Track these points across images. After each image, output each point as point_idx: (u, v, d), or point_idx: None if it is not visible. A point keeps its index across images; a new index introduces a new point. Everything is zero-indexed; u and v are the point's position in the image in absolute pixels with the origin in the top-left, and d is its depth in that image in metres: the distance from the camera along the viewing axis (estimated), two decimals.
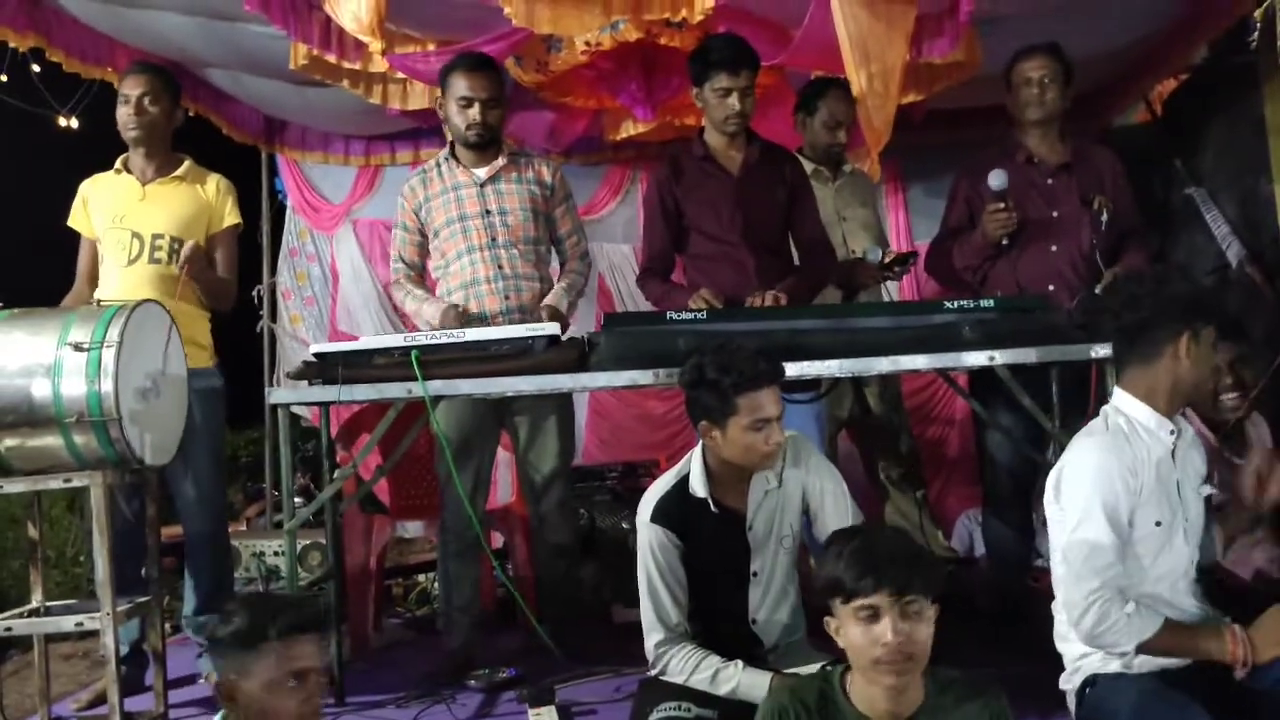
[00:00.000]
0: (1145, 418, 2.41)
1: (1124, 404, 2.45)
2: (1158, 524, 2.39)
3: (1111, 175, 3.73)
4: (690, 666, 2.62)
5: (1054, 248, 3.63)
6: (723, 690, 2.57)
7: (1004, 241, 3.59)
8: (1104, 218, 3.62)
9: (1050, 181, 3.69)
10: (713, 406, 2.60)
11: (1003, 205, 3.54)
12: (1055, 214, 3.65)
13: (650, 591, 2.71)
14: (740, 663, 2.59)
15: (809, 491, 2.77)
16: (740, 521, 2.73)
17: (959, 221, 3.79)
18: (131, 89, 3.77)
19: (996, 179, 3.54)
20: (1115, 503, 2.34)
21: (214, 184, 3.87)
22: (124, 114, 3.77)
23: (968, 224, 3.77)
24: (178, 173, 3.82)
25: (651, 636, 2.71)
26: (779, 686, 2.35)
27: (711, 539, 2.73)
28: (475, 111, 3.67)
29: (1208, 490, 2.51)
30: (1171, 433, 2.41)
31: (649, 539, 2.72)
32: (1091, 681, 2.35)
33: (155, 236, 3.72)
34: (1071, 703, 2.44)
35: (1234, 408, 3.15)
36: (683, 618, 2.71)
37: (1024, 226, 3.61)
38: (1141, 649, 2.22)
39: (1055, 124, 3.74)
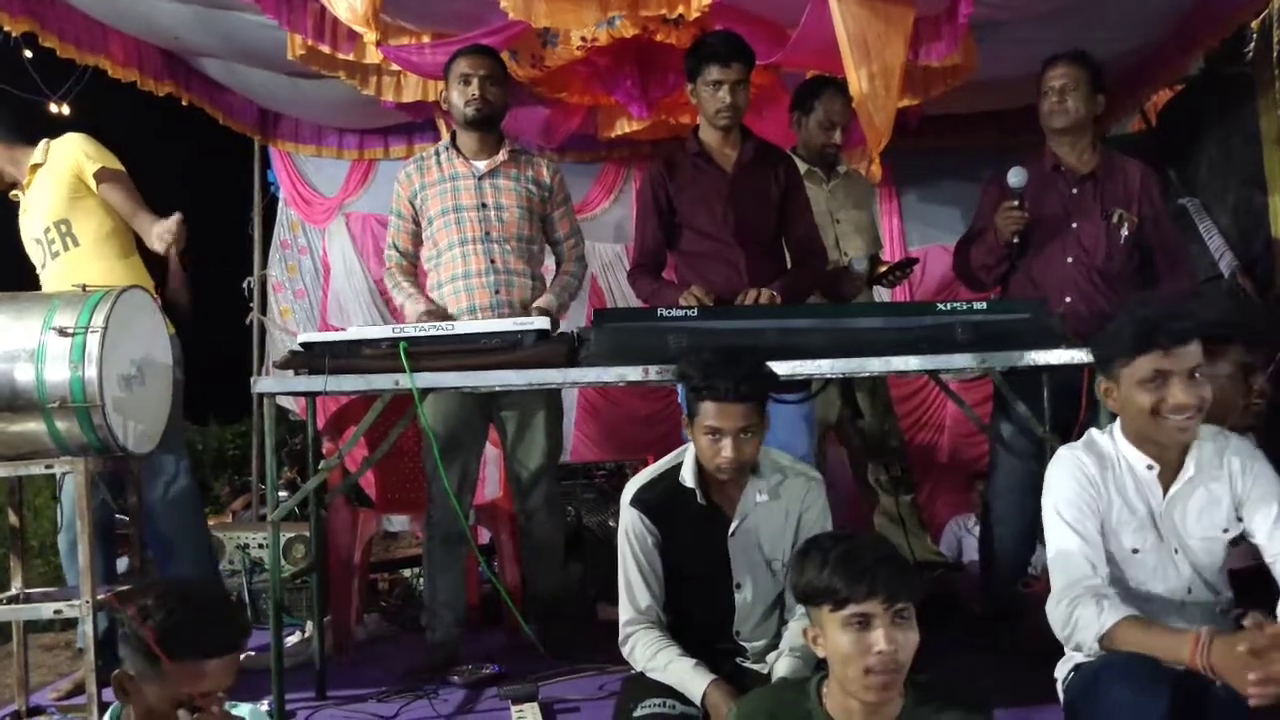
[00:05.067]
0: (1127, 449, 2.40)
1: (1115, 430, 2.44)
2: (1134, 551, 2.38)
3: (1143, 190, 3.64)
4: (650, 653, 2.64)
5: (1070, 258, 3.58)
6: (670, 681, 2.58)
7: (1015, 240, 3.56)
8: (1124, 232, 3.58)
9: (1075, 191, 3.63)
10: (688, 402, 2.64)
11: (1016, 204, 3.52)
12: (1074, 224, 3.61)
13: (623, 573, 2.74)
14: (691, 661, 2.58)
15: (803, 515, 2.74)
16: (724, 523, 2.71)
17: (985, 222, 3.73)
18: None
19: (1015, 176, 3.50)
20: (1075, 512, 2.34)
21: (64, 148, 3.69)
22: None
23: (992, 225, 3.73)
24: (34, 159, 3.71)
25: (623, 616, 2.74)
26: (749, 697, 2.30)
27: (691, 534, 2.72)
28: (474, 87, 3.67)
29: (1225, 534, 2.40)
30: (1149, 468, 2.37)
31: (627, 521, 2.74)
32: (1076, 668, 2.34)
33: (45, 232, 3.67)
34: (1060, 689, 2.42)
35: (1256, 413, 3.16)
36: (654, 604, 2.72)
37: (1043, 235, 3.58)
38: (1104, 642, 2.19)
39: (1085, 132, 3.66)
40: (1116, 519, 2.38)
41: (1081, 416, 3.12)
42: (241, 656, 1.98)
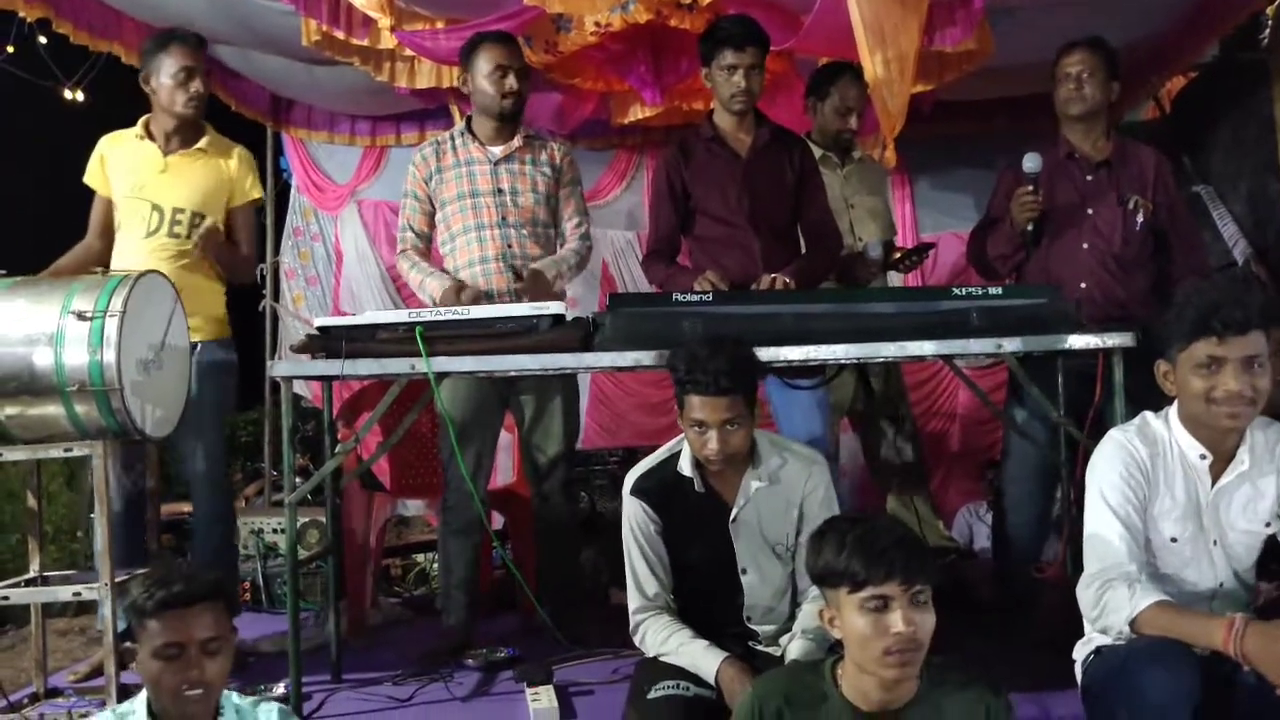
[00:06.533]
0: (1181, 436, 2.38)
1: (1171, 414, 2.42)
2: (1173, 540, 2.37)
3: (1157, 176, 3.64)
4: (661, 637, 2.66)
5: (1085, 245, 3.58)
6: (682, 663, 2.59)
7: (1029, 227, 3.55)
8: (1139, 219, 3.58)
9: (1089, 178, 3.63)
10: (676, 394, 2.65)
11: (1031, 189, 3.51)
12: (1090, 211, 3.60)
13: (629, 561, 2.76)
14: (703, 642, 2.60)
15: (805, 499, 2.73)
16: (724, 510, 2.71)
17: (999, 211, 3.72)
18: (195, 62, 3.69)
19: (1030, 161, 3.49)
20: (1119, 497, 2.33)
21: (236, 157, 3.84)
22: (189, 91, 3.68)
23: (1007, 214, 3.72)
24: (200, 145, 3.77)
25: (632, 604, 2.76)
26: (764, 678, 2.29)
27: (693, 521, 2.72)
28: (511, 80, 3.68)
29: (1267, 529, 2.40)
30: (1202, 456, 2.36)
31: (628, 511, 2.76)
32: (1097, 651, 2.34)
33: (175, 210, 3.68)
34: (1078, 672, 2.43)
35: None
36: (661, 591, 2.74)
37: (1058, 222, 3.58)
38: (1134, 625, 2.19)
39: (1099, 120, 3.66)
40: (1160, 506, 2.37)
41: (1096, 402, 3.12)
42: (211, 615, 2.09)
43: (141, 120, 3.79)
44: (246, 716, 2.20)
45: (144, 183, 3.71)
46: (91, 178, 3.82)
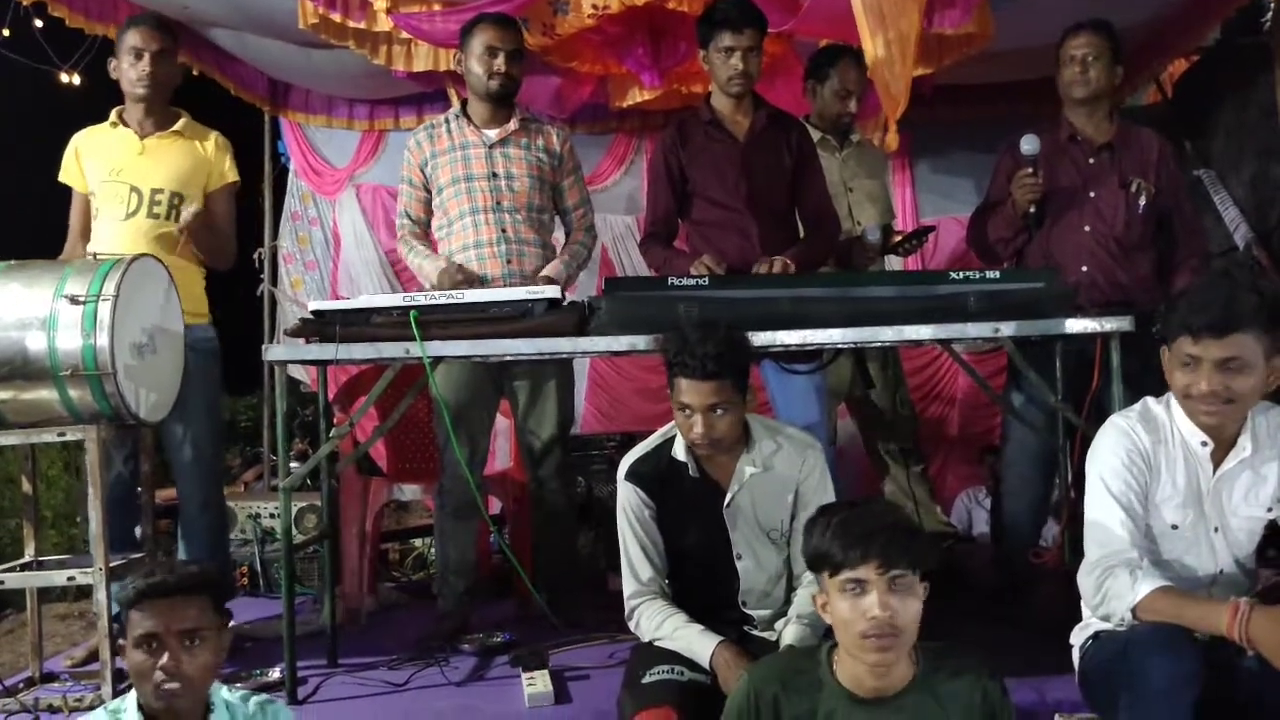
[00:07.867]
0: (1183, 423, 2.38)
1: (1172, 400, 2.41)
2: (1173, 526, 2.37)
3: (1160, 159, 3.63)
4: (655, 622, 2.65)
5: (1087, 228, 3.56)
6: (677, 647, 2.59)
7: (1031, 209, 3.54)
8: (1142, 201, 3.56)
9: (1091, 161, 3.62)
10: (668, 376, 2.63)
11: (1031, 171, 3.50)
12: (1092, 194, 3.59)
13: (623, 546, 2.75)
14: (698, 627, 2.59)
15: (800, 485, 2.71)
16: (719, 495, 2.70)
17: (999, 194, 3.70)
18: (144, 43, 3.67)
19: (1028, 144, 3.48)
20: (1121, 484, 2.33)
21: (212, 141, 3.82)
22: (138, 70, 3.67)
23: (1008, 197, 3.71)
24: (176, 127, 3.76)
25: (626, 590, 2.75)
26: (760, 664, 2.28)
27: (687, 506, 2.71)
28: (500, 61, 3.66)
29: (1269, 514, 2.40)
30: (1204, 443, 2.35)
31: (622, 496, 2.75)
32: (1095, 637, 2.34)
33: (154, 191, 3.66)
34: (1076, 657, 2.43)
35: None
36: (656, 576, 2.73)
37: (1060, 204, 3.56)
38: (1136, 611, 2.18)
39: (1103, 103, 3.64)
40: (1161, 493, 2.37)
41: (1094, 386, 3.11)
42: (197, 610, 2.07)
43: (115, 111, 3.77)
44: (238, 712, 2.17)
45: (122, 166, 3.68)
46: (67, 174, 3.79)
